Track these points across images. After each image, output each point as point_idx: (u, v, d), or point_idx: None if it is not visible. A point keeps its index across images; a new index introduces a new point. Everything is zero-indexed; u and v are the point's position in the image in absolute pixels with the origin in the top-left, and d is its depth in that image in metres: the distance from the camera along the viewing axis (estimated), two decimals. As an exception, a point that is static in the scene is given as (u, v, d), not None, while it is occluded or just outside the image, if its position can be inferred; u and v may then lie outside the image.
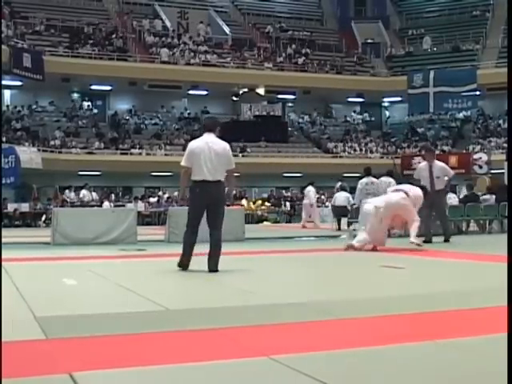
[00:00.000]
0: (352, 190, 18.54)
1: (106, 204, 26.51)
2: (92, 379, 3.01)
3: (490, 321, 4.44)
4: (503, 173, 26.14)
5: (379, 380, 3.01)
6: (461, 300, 5.36)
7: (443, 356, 3.41)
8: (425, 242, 12.62)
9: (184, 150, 8.20)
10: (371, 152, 38.27)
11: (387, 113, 43.98)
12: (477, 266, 8.56)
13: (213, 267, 7.66)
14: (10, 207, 26.77)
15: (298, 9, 47.51)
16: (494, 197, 17.36)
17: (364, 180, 15.58)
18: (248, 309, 5.03)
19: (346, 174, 30.76)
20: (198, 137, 8.15)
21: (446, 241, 12.81)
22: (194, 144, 7.89)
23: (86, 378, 2.97)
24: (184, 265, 7.90)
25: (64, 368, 3.10)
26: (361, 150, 38.51)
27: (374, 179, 15.37)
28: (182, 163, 7.83)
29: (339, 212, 18.79)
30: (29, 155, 26.43)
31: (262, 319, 4.48)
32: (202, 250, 7.93)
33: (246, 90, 38.07)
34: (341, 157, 37.07)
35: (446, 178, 13.29)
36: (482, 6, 44.47)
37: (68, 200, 28.02)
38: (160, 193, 32.13)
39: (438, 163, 13.27)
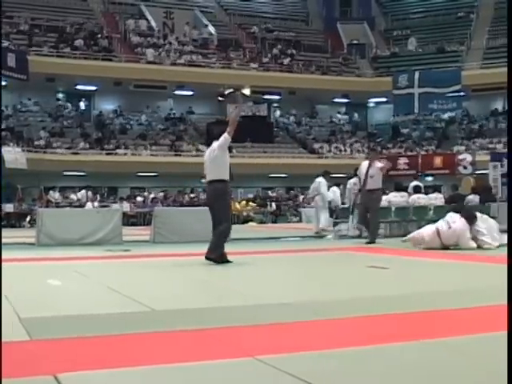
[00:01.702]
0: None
1: (89, 205, 26.30)
2: (77, 380, 2.99)
3: (476, 320, 4.46)
4: (487, 173, 26.29)
5: (365, 380, 3.02)
6: (447, 300, 5.38)
7: (429, 356, 3.42)
8: (369, 242, 12.68)
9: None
10: (358, 152, 38.35)
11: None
12: (461, 265, 8.60)
13: (206, 255, 8.55)
14: (-6, 207, 26.62)
15: (284, 9, 47.56)
16: (478, 197, 17.41)
17: (352, 180, 15.71)
18: (234, 309, 5.03)
19: (331, 175, 30.78)
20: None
21: (369, 243, 12.62)
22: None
23: (70, 380, 2.96)
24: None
25: (49, 369, 3.08)
26: (346, 150, 38.58)
27: None
28: None
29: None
30: (14, 155, 26.31)
31: (247, 320, 4.48)
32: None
33: (231, 90, 37.98)
34: (326, 157, 37.11)
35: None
36: (467, 8, 44.69)
37: (53, 200, 27.90)
38: (145, 193, 32.05)
39: (377, 164, 13.41)
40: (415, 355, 3.43)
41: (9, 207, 27.05)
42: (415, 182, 18.35)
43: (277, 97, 40.56)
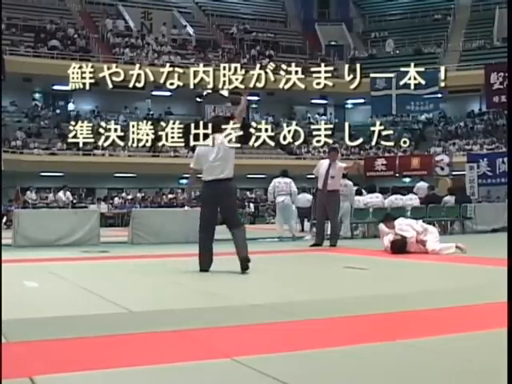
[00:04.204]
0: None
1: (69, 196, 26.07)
2: (53, 383, 2.97)
3: (451, 321, 4.49)
4: (464, 174, 26.53)
5: (342, 380, 3.03)
6: (423, 300, 5.41)
7: (405, 356, 3.44)
8: (315, 244, 12.41)
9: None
10: (336, 153, 38.47)
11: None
12: (437, 266, 8.65)
13: (243, 267, 7.94)
14: (-30, 209, 26.33)
15: (262, 10, 47.54)
16: (454, 198, 17.54)
17: (278, 179, 16.12)
18: (211, 310, 5.02)
19: (309, 176, 30.84)
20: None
21: (332, 246, 12.24)
22: None
23: (47, 382, 2.94)
24: (204, 269, 8.11)
25: (25, 372, 3.06)
26: (324, 151, 38.64)
27: (347, 181, 15.13)
28: None
29: (302, 213, 18.80)
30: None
31: (225, 321, 4.48)
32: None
33: (209, 91, 37.89)
34: (304, 158, 37.19)
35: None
36: (444, 10, 45.01)
37: (30, 201, 27.69)
38: (123, 194, 31.91)
39: (339, 164, 13.16)
40: (390, 355, 3.45)
41: (-16, 208, 26.79)
42: (422, 183, 18.84)
43: (255, 98, 40.55)
